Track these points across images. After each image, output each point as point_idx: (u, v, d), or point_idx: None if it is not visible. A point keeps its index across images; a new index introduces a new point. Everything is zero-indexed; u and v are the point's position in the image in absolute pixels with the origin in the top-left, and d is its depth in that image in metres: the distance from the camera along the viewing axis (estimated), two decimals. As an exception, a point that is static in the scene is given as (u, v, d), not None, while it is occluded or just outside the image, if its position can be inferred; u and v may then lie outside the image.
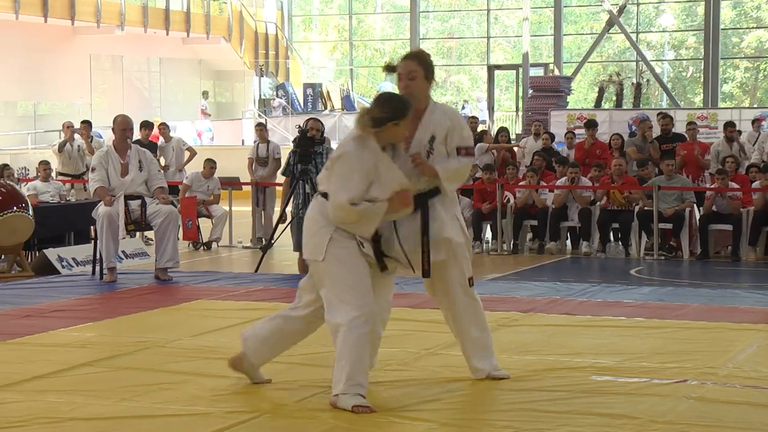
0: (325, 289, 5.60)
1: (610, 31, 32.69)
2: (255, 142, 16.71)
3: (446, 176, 5.90)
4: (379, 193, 5.61)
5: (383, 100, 5.78)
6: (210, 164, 16.08)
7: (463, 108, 32.97)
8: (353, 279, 5.55)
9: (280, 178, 13.24)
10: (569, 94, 28.69)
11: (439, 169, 5.87)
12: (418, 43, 35.71)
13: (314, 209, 5.73)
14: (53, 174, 16.29)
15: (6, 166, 15.56)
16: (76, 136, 17.12)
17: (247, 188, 16.47)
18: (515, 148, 17.08)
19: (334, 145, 16.18)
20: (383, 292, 5.92)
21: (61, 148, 16.90)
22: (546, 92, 27.22)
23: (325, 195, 5.66)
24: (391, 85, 34.42)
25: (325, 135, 12.89)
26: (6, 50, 26.00)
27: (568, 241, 14.83)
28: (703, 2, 31.78)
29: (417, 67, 5.96)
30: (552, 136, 17.05)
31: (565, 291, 9.64)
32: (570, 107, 27.93)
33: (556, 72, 31.14)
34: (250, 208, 15.93)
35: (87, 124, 17.80)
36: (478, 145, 15.96)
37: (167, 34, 30.77)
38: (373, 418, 5.30)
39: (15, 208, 11.80)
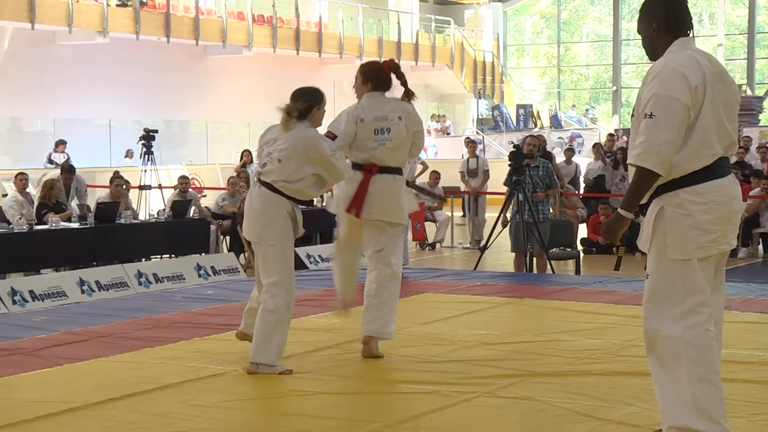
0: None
1: (800, 54, 31.11)
2: (464, 156, 16.68)
3: None
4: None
5: (299, 94, 6.09)
6: (435, 175, 16.18)
7: None
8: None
9: (494, 188, 13.21)
10: (761, 113, 27.43)
11: None
12: (620, 68, 34.95)
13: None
14: None
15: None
16: None
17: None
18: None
19: (559, 160, 15.88)
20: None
21: None
22: (739, 110, 26.09)
23: (265, 184, 6.08)
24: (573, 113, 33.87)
25: (550, 151, 12.61)
26: (266, 78, 27.04)
27: (760, 246, 14.33)
28: None
29: (358, 74, 6.45)
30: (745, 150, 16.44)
31: (758, 291, 9.14)
32: (762, 124, 26.71)
33: (749, 92, 29.81)
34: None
35: None
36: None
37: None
38: (575, 404, 5.18)
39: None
